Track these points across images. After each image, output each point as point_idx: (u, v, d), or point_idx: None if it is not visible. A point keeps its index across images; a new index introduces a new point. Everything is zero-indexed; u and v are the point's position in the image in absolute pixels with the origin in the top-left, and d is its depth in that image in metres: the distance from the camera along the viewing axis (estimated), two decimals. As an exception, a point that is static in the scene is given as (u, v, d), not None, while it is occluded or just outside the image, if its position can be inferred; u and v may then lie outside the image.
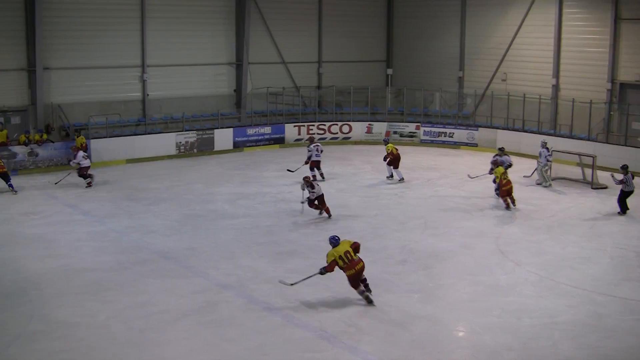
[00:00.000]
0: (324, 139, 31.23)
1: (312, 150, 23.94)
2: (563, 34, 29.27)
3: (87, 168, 23.21)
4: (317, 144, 24.33)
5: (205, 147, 29.36)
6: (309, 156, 23.97)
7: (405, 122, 32.38)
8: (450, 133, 31.30)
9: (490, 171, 21.50)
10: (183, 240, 17.47)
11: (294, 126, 31.75)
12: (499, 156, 22.23)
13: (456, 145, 30.97)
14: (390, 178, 24.18)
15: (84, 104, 28.22)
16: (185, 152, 28.85)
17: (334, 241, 13.21)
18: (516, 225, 18.99)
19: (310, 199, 19.26)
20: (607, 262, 16.05)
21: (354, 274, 12.95)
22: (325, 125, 32.17)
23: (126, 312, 12.99)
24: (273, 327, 12.34)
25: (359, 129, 32.41)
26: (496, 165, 21.21)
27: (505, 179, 20.35)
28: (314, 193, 19.18)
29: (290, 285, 13.40)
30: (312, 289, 13.51)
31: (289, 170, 24.05)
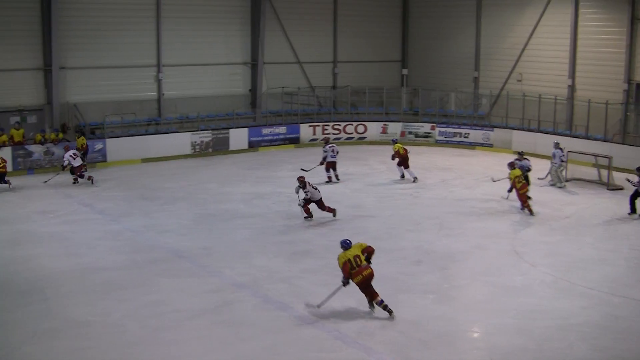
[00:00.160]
0: (339, 139, 31.21)
1: (328, 151, 23.91)
2: (579, 34, 29.02)
3: (80, 167, 23.29)
4: (333, 144, 24.31)
5: (220, 147, 29.42)
6: (324, 157, 23.94)
7: (421, 123, 32.31)
8: (465, 133, 31.19)
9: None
10: (198, 240, 17.52)
11: (309, 126, 31.77)
12: (518, 160, 21.84)
13: (471, 145, 30.85)
14: (402, 179, 24.13)
15: (100, 104, 28.36)
16: (200, 152, 28.93)
17: (346, 245, 12.99)
18: (531, 226, 18.88)
19: (306, 199, 19.15)
20: (623, 264, 15.95)
21: (362, 280, 12.66)
22: (340, 125, 32.16)
23: (140, 311, 13.03)
24: (287, 327, 12.34)
25: (374, 129, 32.37)
26: (512, 167, 20.86)
27: (520, 182, 20.02)
28: (308, 192, 19.07)
29: (317, 307, 12.96)
30: (327, 289, 13.45)
31: (303, 170, 24.03)
